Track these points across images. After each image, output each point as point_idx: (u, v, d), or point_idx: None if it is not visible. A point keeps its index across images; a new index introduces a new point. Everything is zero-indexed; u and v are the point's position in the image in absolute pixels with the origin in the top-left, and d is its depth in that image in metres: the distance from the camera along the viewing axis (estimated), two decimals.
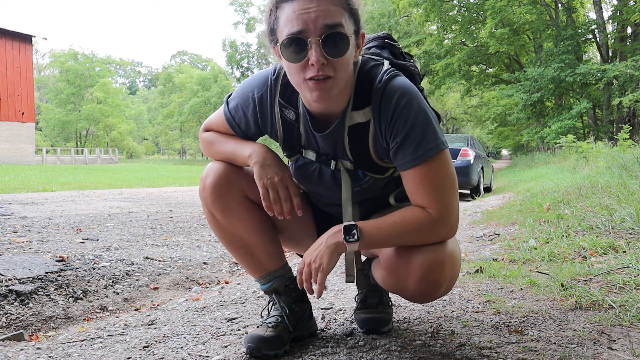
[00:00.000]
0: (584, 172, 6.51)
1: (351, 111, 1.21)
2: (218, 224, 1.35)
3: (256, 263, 1.39)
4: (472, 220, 4.83)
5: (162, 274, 2.66)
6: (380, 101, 1.17)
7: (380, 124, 1.19)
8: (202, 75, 51.59)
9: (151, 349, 1.48)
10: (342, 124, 1.22)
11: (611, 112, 17.30)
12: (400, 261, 1.22)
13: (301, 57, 1.08)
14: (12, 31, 25.69)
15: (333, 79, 1.09)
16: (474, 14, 22.96)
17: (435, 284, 1.19)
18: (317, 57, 1.06)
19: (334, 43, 1.07)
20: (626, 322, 1.53)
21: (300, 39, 1.06)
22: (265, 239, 1.38)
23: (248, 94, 1.30)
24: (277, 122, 1.29)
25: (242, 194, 1.33)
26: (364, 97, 1.20)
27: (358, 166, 1.28)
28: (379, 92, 1.17)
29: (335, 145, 1.26)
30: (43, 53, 62.08)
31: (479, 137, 39.54)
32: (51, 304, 2.06)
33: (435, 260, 1.17)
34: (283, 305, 1.42)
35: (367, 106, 1.20)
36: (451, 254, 1.20)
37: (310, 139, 1.29)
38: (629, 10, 16.01)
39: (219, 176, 1.31)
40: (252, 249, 1.37)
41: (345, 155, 1.27)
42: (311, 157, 1.30)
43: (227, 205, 1.31)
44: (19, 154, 25.64)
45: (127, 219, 4.69)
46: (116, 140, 50.56)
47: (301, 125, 1.28)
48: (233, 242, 1.36)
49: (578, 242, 2.73)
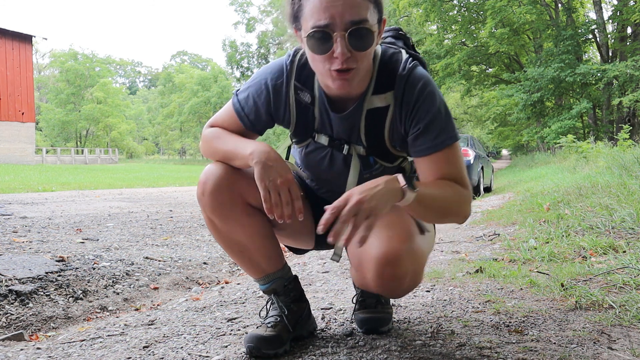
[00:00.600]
0: (584, 172, 6.51)
1: (371, 95, 1.23)
2: (217, 230, 1.34)
3: (255, 266, 1.38)
4: (472, 220, 4.83)
5: (162, 274, 2.66)
6: (403, 88, 1.21)
7: (401, 109, 1.22)
8: (202, 75, 51.58)
9: (151, 349, 1.48)
10: (361, 107, 1.24)
11: (611, 112, 17.30)
12: (360, 256, 1.22)
13: (326, 49, 1.10)
14: (12, 31, 25.70)
15: (355, 70, 1.12)
16: (474, 14, 22.95)
17: (394, 278, 1.17)
18: (342, 51, 1.08)
19: (359, 37, 1.09)
20: (626, 322, 1.53)
21: (326, 32, 1.08)
22: (265, 242, 1.36)
23: (261, 81, 1.30)
24: (290, 106, 1.29)
25: (243, 199, 1.30)
26: (385, 82, 1.23)
27: (370, 152, 1.29)
28: (403, 79, 1.21)
29: (351, 129, 1.27)
30: (43, 53, 62.09)
31: (479, 137, 39.54)
32: (51, 304, 2.06)
33: (391, 254, 1.15)
34: (282, 305, 1.41)
35: (389, 91, 1.22)
36: (409, 246, 1.18)
37: (325, 123, 1.29)
38: (629, 10, 16.01)
39: (219, 181, 1.28)
40: (251, 253, 1.36)
41: (359, 140, 1.28)
42: (323, 142, 1.31)
43: (227, 212, 1.29)
44: (19, 154, 25.64)
45: (127, 219, 4.69)
46: (116, 140, 50.55)
47: (316, 108, 1.28)
48: (232, 247, 1.35)
49: (578, 242, 2.73)
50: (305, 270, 2.70)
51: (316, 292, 2.15)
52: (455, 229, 4.38)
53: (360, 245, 1.02)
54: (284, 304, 1.41)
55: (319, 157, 1.34)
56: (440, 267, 2.60)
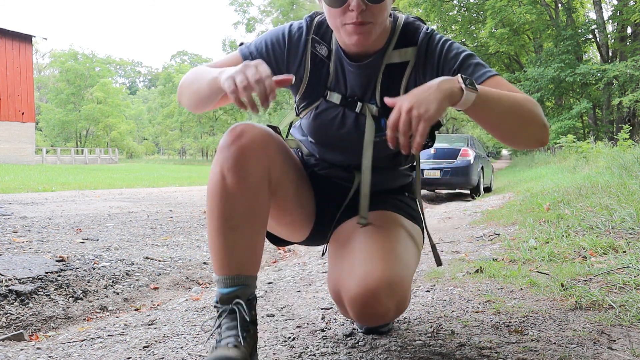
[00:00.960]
0: (584, 172, 6.52)
1: (392, 50, 1.23)
2: (222, 192, 1.10)
3: (234, 258, 1.11)
4: (472, 220, 4.83)
5: (162, 274, 2.66)
6: (427, 45, 1.22)
7: (425, 64, 1.22)
8: None
9: (151, 349, 1.48)
10: (380, 59, 1.23)
11: (611, 112, 17.32)
12: (337, 292, 1.16)
13: (341, 2, 1.10)
14: (12, 31, 25.69)
15: (372, 24, 1.12)
16: (474, 14, 22.97)
17: (375, 316, 1.09)
18: (357, 3, 1.08)
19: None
20: (626, 322, 1.52)
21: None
22: (259, 234, 1.15)
23: (279, 31, 1.29)
24: (306, 61, 1.27)
25: (268, 170, 1.16)
26: (407, 39, 1.24)
27: (383, 112, 1.25)
28: (426, 38, 1.23)
29: (366, 83, 1.25)
30: (43, 53, 62.09)
31: (479, 137, 39.50)
32: (51, 304, 2.06)
33: (367, 293, 1.06)
34: (244, 317, 1.09)
35: (410, 47, 1.23)
36: (389, 280, 1.08)
37: (340, 79, 1.27)
38: (629, 10, 16.02)
39: (256, 138, 1.13)
40: (239, 239, 1.11)
41: (373, 98, 1.26)
42: (335, 100, 1.27)
43: (248, 173, 1.11)
44: (19, 154, 25.64)
45: (127, 219, 4.69)
46: (116, 140, 50.57)
47: (332, 63, 1.26)
48: (226, 221, 1.11)
49: (578, 242, 2.73)
50: (305, 270, 2.70)
51: (316, 292, 2.15)
52: (455, 228, 4.38)
53: (416, 150, 0.97)
54: (242, 324, 1.09)
55: (330, 117, 1.29)
56: (440, 267, 2.60)
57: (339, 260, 1.21)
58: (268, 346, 1.46)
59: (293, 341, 1.49)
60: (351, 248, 1.19)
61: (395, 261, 1.13)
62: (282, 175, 1.22)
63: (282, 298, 2.09)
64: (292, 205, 1.31)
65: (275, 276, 2.60)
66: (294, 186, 1.30)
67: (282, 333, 1.58)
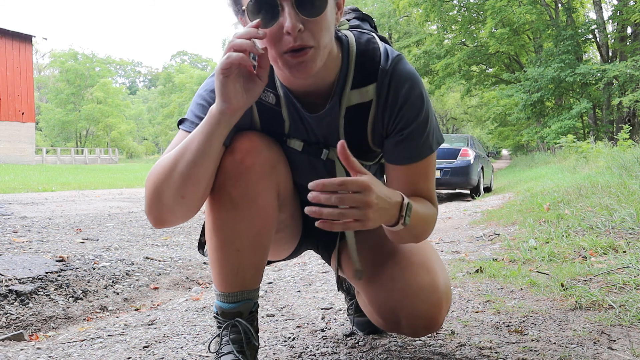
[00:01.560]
0: (584, 172, 6.52)
1: (350, 90, 1.06)
2: (228, 207, 1.04)
3: (239, 275, 1.08)
4: (472, 220, 4.83)
5: (162, 274, 2.66)
6: (388, 85, 1.05)
7: (384, 109, 1.07)
8: (202, 75, 51.71)
9: (151, 349, 1.48)
10: (338, 104, 1.07)
11: (611, 112, 17.31)
12: (392, 311, 1.14)
13: (273, 24, 0.90)
14: (12, 31, 25.71)
15: (314, 49, 0.92)
16: (474, 14, 22.96)
17: (434, 326, 1.14)
18: (292, 23, 0.88)
19: (309, 1, 0.90)
20: (626, 322, 1.52)
21: (269, 0, 0.89)
22: (267, 251, 1.12)
23: (205, 95, 1.07)
24: (253, 113, 1.10)
25: (277, 186, 1.10)
26: (365, 74, 1.06)
27: (351, 152, 0.99)
28: (387, 75, 1.05)
29: (328, 130, 1.10)
30: (43, 53, 62.06)
31: (479, 137, 39.53)
32: (51, 304, 2.06)
33: (434, 306, 1.10)
34: (245, 330, 1.09)
35: (370, 84, 1.06)
36: (445, 287, 1.13)
37: (297, 125, 1.11)
38: (629, 10, 16.01)
39: (263, 155, 1.05)
40: (247, 258, 1.08)
41: (338, 140, 1.11)
42: (297, 148, 1.12)
43: (258, 195, 1.05)
44: (19, 154, 25.64)
45: (127, 219, 4.69)
46: (116, 140, 50.58)
47: (283, 109, 1.09)
48: (232, 240, 1.06)
49: (578, 242, 2.73)
50: (305, 270, 2.70)
51: (316, 292, 2.15)
52: (455, 228, 4.38)
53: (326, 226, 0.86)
54: (243, 338, 1.08)
55: (296, 163, 1.16)
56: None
57: (381, 281, 1.17)
58: (268, 346, 1.46)
59: (293, 341, 1.49)
60: (390, 266, 1.17)
61: (438, 267, 1.15)
62: (286, 191, 1.17)
63: (282, 298, 2.09)
64: (286, 223, 1.25)
65: (275, 276, 2.60)
66: (293, 202, 1.24)
67: (282, 333, 1.58)
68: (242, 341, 1.08)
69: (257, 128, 1.11)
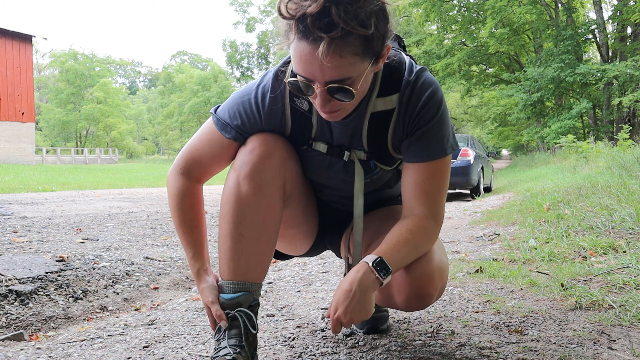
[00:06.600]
0: (584, 172, 6.52)
1: (376, 98, 1.17)
2: (237, 200, 1.15)
3: (241, 263, 1.15)
4: (472, 220, 4.84)
5: (162, 274, 2.66)
6: (411, 92, 1.15)
7: (405, 112, 1.16)
8: (202, 75, 51.64)
9: (151, 349, 1.48)
10: (364, 111, 1.17)
11: (611, 112, 17.31)
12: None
13: (309, 92, 1.04)
14: (12, 31, 25.70)
15: (342, 110, 1.07)
16: (474, 14, 22.96)
17: (426, 297, 1.17)
18: (321, 103, 1.03)
19: (339, 92, 1.01)
20: (626, 322, 1.53)
21: (306, 82, 1.02)
22: (270, 244, 1.20)
23: (251, 99, 1.19)
24: (286, 117, 1.21)
25: (284, 181, 1.20)
26: (390, 84, 1.16)
27: (371, 156, 1.23)
28: (411, 83, 1.15)
29: (352, 133, 1.21)
30: (43, 53, 62.08)
31: (479, 137, 39.55)
32: (51, 304, 2.06)
33: (424, 275, 1.15)
34: (245, 323, 1.14)
35: (394, 93, 1.16)
36: (439, 264, 1.18)
37: (324, 130, 1.22)
38: (629, 10, 16.01)
39: (275, 148, 1.18)
40: (250, 245, 1.15)
41: (360, 144, 1.22)
42: (322, 150, 1.23)
43: (265, 182, 1.15)
44: (19, 154, 25.64)
45: (127, 219, 4.69)
46: (116, 140, 50.58)
47: (314, 116, 1.20)
48: (238, 225, 1.15)
49: (578, 242, 2.73)
50: (305, 270, 2.70)
51: (316, 292, 2.15)
52: (455, 228, 4.38)
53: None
54: (242, 332, 1.14)
55: (317, 162, 1.26)
56: None
57: None
58: (268, 346, 1.46)
59: (293, 341, 1.49)
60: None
61: (437, 246, 1.22)
62: (295, 188, 1.25)
63: (282, 298, 2.09)
64: (298, 219, 1.35)
65: (275, 276, 2.60)
66: (304, 199, 1.34)
67: (282, 333, 1.58)
68: (240, 335, 1.13)
69: (287, 130, 1.22)
